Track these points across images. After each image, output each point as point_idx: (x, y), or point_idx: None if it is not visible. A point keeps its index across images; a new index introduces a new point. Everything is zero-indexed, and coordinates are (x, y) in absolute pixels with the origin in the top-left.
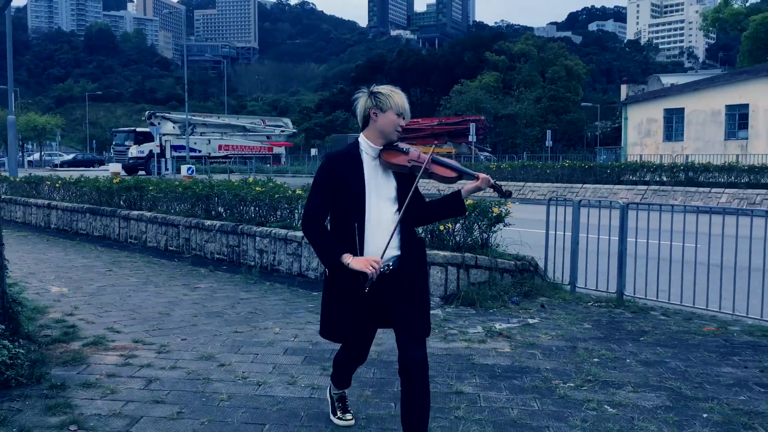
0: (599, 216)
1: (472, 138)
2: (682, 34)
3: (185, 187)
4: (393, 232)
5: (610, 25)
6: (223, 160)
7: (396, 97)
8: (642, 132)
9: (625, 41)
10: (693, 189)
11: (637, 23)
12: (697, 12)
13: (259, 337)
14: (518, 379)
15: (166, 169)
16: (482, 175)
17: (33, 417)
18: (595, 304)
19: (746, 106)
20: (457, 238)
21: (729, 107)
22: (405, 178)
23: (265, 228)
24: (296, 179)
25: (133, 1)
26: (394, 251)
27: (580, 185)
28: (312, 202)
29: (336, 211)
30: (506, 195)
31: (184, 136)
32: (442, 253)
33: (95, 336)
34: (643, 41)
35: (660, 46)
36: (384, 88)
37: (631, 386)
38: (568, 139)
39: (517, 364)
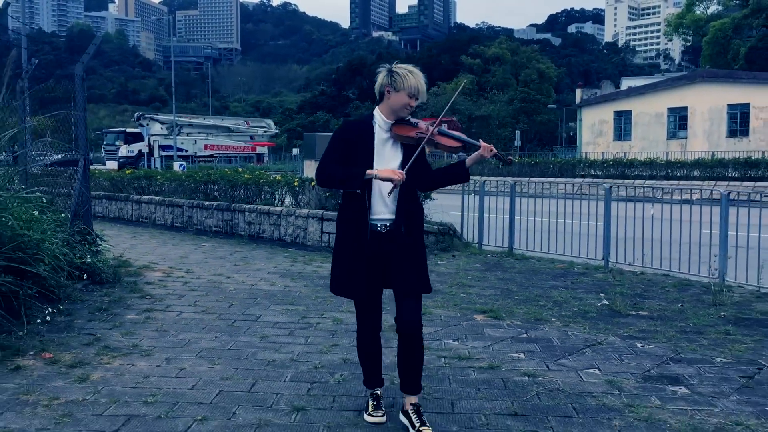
0: (496, 200)
1: None
2: (658, 36)
3: (188, 175)
4: (390, 193)
5: (588, 27)
6: (209, 160)
7: (411, 78)
8: (595, 132)
9: (603, 43)
10: (620, 181)
11: (615, 25)
12: (672, 14)
13: (251, 267)
14: None
15: (156, 168)
16: (485, 144)
17: (122, 294)
18: (492, 255)
19: (685, 108)
20: None
21: (671, 110)
22: (411, 150)
23: (253, 205)
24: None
25: (114, 2)
26: (391, 215)
27: (527, 179)
28: (325, 158)
29: None
30: (507, 163)
31: (171, 137)
32: None
33: (143, 265)
34: (620, 43)
35: (637, 48)
36: (402, 68)
37: (481, 287)
38: (539, 139)
39: None
